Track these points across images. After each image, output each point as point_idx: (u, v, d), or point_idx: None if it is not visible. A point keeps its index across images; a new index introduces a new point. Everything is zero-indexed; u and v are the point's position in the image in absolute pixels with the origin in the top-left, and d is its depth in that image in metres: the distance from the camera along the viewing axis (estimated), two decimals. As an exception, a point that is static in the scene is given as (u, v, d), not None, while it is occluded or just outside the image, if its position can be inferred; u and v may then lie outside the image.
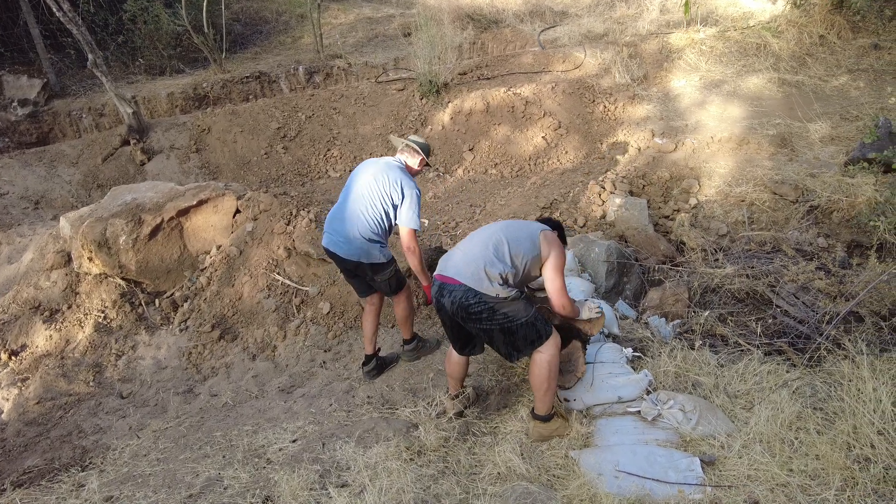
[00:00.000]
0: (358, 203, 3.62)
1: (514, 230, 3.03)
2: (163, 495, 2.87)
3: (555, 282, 2.96)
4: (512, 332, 2.92)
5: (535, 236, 2.99)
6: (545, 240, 2.98)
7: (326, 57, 9.21)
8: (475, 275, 2.87)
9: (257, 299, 4.75)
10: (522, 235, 2.99)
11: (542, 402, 3.03)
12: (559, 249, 2.99)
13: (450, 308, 2.94)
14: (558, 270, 2.96)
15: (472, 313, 2.88)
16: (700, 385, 3.27)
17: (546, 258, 2.97)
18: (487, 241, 2.97)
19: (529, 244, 2.96)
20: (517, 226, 3.10)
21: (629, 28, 9.18)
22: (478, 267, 2.87)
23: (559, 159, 7.24)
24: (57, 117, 8.02)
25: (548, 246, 2.97)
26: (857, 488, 2.39)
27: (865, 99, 7.18)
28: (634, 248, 5.06)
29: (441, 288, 2.98)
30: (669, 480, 2.63)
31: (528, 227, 3.07)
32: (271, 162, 7.56)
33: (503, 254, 2.91)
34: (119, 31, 9.21)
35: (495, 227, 3.07)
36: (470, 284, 2.86)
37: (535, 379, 2.98)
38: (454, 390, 3.39)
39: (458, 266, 2.95)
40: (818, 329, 3.72)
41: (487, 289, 2.85)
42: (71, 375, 4.40)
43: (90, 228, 4.78)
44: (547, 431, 3.06)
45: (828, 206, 5.31)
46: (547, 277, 2.98)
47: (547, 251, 2.96)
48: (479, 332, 3.00)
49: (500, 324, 2.90)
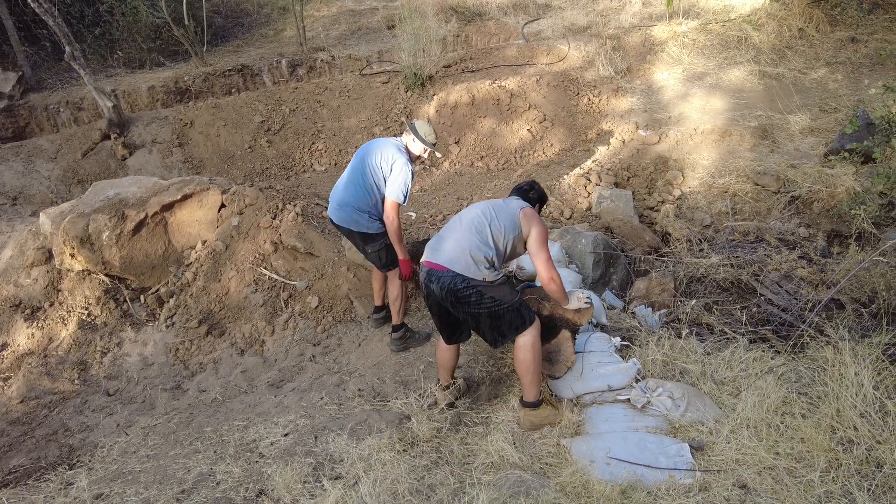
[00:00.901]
0: (352, 173, 3.89)
1: (495, 211, 3.11)
2: (154, 491, 2.85)
3: (540, 255, 3.04)
4: (499, 317, 3.00)
5: (515, 215, 3.09)
6: (524, 217, 3.09)
7: (309, 50, 9.11)
8: (462, 260, 2.96)
9: (244, 294, 4.71)
10: (503, 216, 3.09)
11: (529, 388, 3.08)
12: (539, 224, 3.09)
13: (438, 294, 3.01)
14: (542, 244, 3.04)
15: (460, 297, 2.96)
16: (688, 373, 3.32)
17: (528, 235, 3.07)
18: (470, 225, 3.06)
19: (510, 223, 3.06)
20: (498, 206, 3.17)
21: (612, 21, 9.23)
22: (464, 252, 2.96)
23: (545, 152, 7.27)
24: (33, 111, 7.84)
25: (527, 222, 3.07)
26: (840, 469, 2.45)
27: (843, 91, 7.31)
28: (620, 240, 5.11)
29: (429, 274, 3.05)
30: (660, 466, 2.68)
31: (508, 207, 3.16)
32: (255, 156, 7.48)
33: (486, 237, 3.01)
34: (96, 22, 9.01)
35: (476, 211, 3.14)
36: (458, 270, 2.95)
37: (521, 364, 3.05)
38: (445, 381, 3.41)
39: (445, 253, 3.03)
40: (801, 316, 3.80)
41: (475, 273, 2.95)
42: (55, 374, 4.33)
43: (72, 224, 4.70)
44: (538, 419, 3.10)
45: (808, 196, 5.41)
46: (532, 252, 3.07)
47: (528, 228, 3.07)
48: (466, 316, 3.07)
49: (487, 307, 2.98)
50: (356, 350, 4.29)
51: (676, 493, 2.50)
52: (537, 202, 3.34)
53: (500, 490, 2.53)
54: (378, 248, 3.94)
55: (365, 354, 4.20)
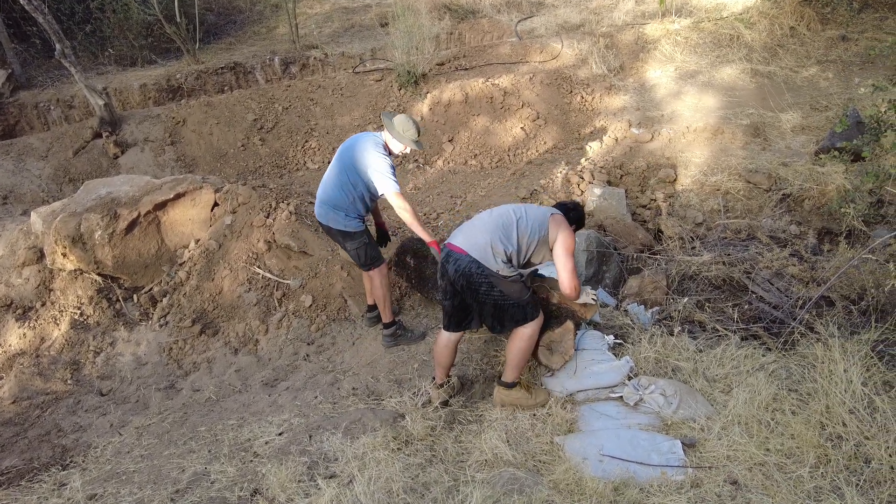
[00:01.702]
0: (330, 171, 3.93)
1: (526, 211, 3.18)
2: (148, 491, 2.85)
3: (566, 264, 3.08)
4: (503, 310, 3.12)
5: (545, 219, 3.14)
6: (553, 222, 3.13)
7: (302, 47, 9.08)
8: (482, 249, 3.04)
9: (238, 293, 4.71)
10: (532, 217, 3.14)
11: (511, 370, 3.22)
12: (567, 232, 3.11)
13: (453, 275, 3.10)
14: (568, 252, 3.09)
15: (472, 283, 3.06)
16: (680, 370, 3.35)
17: (554, 241, 3.11)
18: (499, 218, 3.14)
19: (538, 226, 3.11)
20: (530, 208, 3.24)
21: (605, 19, 9.24)
22: (486, 242, 3.05)
23: (538, 150, 7.28)
24: (23, 109, 7.78)
25: (556, 228, 3.11)
26: (830, 465, 2.48)
27: (834, 89, 7.36)
28: (613, 237, 5.13)
29: (448, 255, 3.15)
30: (652, 463, 2.71)
31: (540, 210, 3.22)
32: (248, 154, 7.45)
33: (511, 233, 3.07)
34: (87, 19, 8.94)
35: (509, 207, 3.23)
36: (475, 256, 3.04)
37: (513, 349, 3.19)
38: (440, 378, 3.43)
39: (468, 237, 3.13)
40: (792, 314, 3.83)
41: (491, 264, 3.03)
42: (47, 374, 4.31)
43: (63, 223, 4.67)
44: (509, 399, 3.24)
45: (800, 194, 5.45)
46: (556, 256, 3.10)
47: (555, 234, 3.10)
48: (472, 302, 3.16)
49: (494, 299, 3.08)
50: (350, 349, 4.30)
51: (668, 489, 2.52)
52: (574, 222, 3.34)
53: (494, 488, 2.54)
54: (356, 247, 3.95)
55: (359, 353, 4.20)
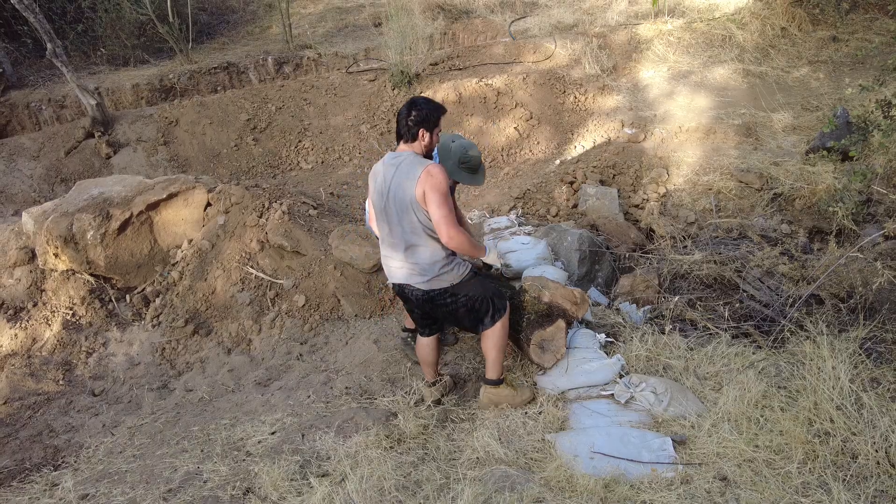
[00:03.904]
0: None
1: (397, 206, 2.91)
2: (141, 491, 2.85)
3: (439, 211, 2.81)
4: (475, 311, 3.08)
5: (412, 198, 2.84)
6: (420, 188, 2.81)
7: (296, 47, 9.08)
8: (422, 276, 2.98)
9: (231, 293, 4.70)
10: (403, 208, 2.88)
11: (493, 366, 3.19)
12: (433, 182, 2.79)
13: (415, 301, 3.10)
14: (442, 203, 2.80)
15: (437, 304, 3.07)
16: (671, 368, 3.37)
17: (427, 202, 2.82)
18: (399, 241, 2.96)
19: (412, 214, 2.87)
20: (397, 198, 2.90)
21: (598, 19, 9.29)
22: (416, 270, 2.97)
23: (531, 150, 7.31)
24: (14, 109, 7.74)
25: (420, 188, 2.81)
26: (817, 461, 2.51)
27: (825, 90, 7.43)
28: (606, 237, 5.16)
29: (402, 287, 3.10)
30: (643, 460, 2.72)
31: (403, 190, 2.87)
32: (242, 154, 7.44)
33: (414, 247, 2.93)
34: (78, 19, 8.90)
35: (392, 217, 2.95)
36: (425, 288, 3.01)
37: (489, 346, 3.14)
38: (431, 377, 3.44)
39: (401, 274, 3.03)
40: (782, 312, 3.86)
41: (439, 283, 3.00)
42: (39, 374, 4.29)
43: (55, 224, 4.65)
44: (497, 397, 3.22)
45: (791, 193, 5.49)
46: (432, 214, 2.84)
47: (421, 194, 2.82)
48: (445, 314, 3.14)
49: (463, 304, 3.06)
50: (343, 348, 4.30)
51: (658, 486, 2.54)
52: (429, 129, 2.98)
53: (486, 485, 2.56)
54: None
55: (352, 353, 4.21)
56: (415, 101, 2.97)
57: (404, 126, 2.94)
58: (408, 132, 2.94)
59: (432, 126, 2.97)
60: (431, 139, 2.99)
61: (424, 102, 2.96)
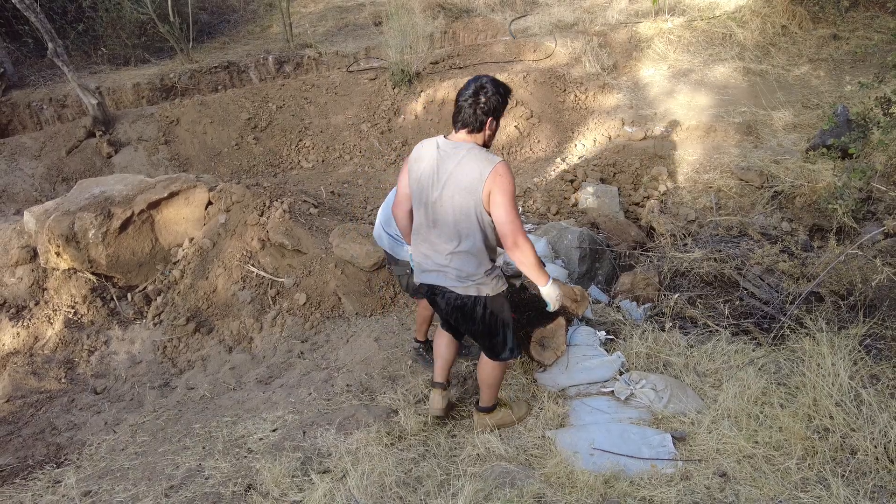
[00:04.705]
0: None
1: (454, 204, 2.56)
2: (143, 488, 2.86)
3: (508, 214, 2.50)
4: (492, 334, 2.82)
5: (477, 199, 2.52)
6: (487, 188, 2.49)
7: (296, 46, 9.08)
8: (461, 281, 2.67)
9: (232, 291, 4.71)
10: (462, 208, 2.56)
11: (487, 397, 3.03)
12: (504, 183, 2.48)
13: (444, 306, 2.82)
14: (511, 207, 2.49)
15: (465, 312, 2.76)
16: (671, 365, 3.38)
17: (492, 204, 2.51)
18: (446, 241, 2.65)
19: (473, 216, 2.56)
20: (456, 195, 2.55)
21: (599, 17, 9.28)
22: (456, 274, 2.67)
23: (532, 148, 7.31)
24: (16, 108, 7.75)
25: (487, 189, 2.50)
26: (816, 457, 2.52)
27: (825, 88, 7.43)
28: (606, 235, 5.17)
29: (433, 289, 2.80)
30: (643, 456, 2.74)
31: (465, 187, 2.52)
32: (242, 153, 7.45)
33: (464, 251, 2.62)
34: (79, 18, 8.90)
35: (443, 213, 2.62)
36: (460, 293, 2.70)
37: (486, 374, 2.95)
38: (441, 376, 3.10)
39: (437, 275, 2.73)
40: (782, 309, 3.87)
41: (476, 290, 2.71)
42: (41, 373, 4.31)
43: (57, 223, 4.67)
44: (492, 421, 3.07)
45: (791, 191, 5.50)
46: (497, 218, 2.53)
47: (487, 195, 2.50)
48: (468, 325, 2.84)
49: (487, 320, 2.76)
50: (344, 346, 4.31)
51: (658, 482, 2.55)
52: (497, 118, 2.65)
53: (486, 481, 2.57)
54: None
55: (353, 350, 4.22)
56: (483, 83, 2.52)
57: (471, 114, 2.51)
58: (475, 121, 2.52)
59: (501, 115, 2.61)
60: (496, 129, 2.63)
61: (493, 86, 2.53)
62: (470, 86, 2.53)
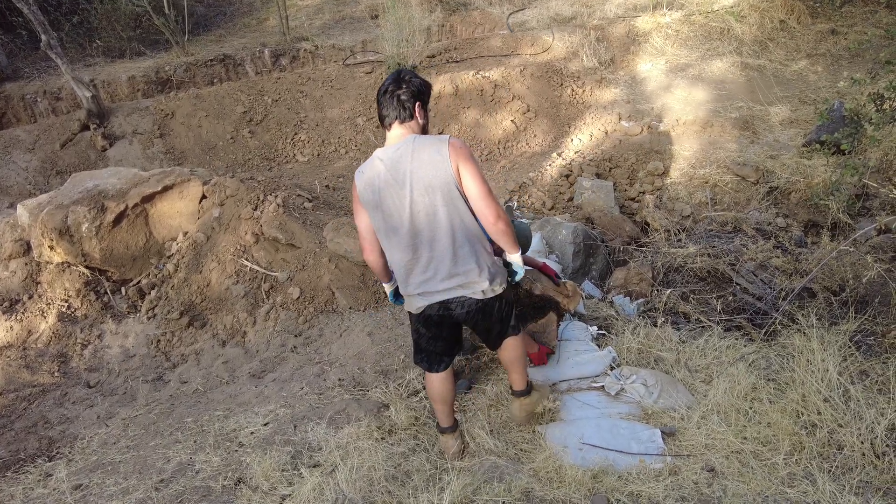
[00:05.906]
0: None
1: (431, 201, 2.41)
2: (134, 481, 2.87)
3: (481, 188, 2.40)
4: (508, 317, 2.77)
5: (450, 179, 2.38)
6: (453, 163, 2.38)
7: (292, 39, 9.04)
8: (483, 280, 2.53)
9: (226, 285, 4.71)
10: (443, 198, 2.42)
11: (522, 375, 2.88)
12: (465, 152, 2.40)
13: (461, 317, 2.64)
14: (480, 175, 2.41)
15: (487, 313, 2.65)
16: (662, 360, 3.38)
17: (462, 177, 2.39)
18: (444, 248, 2.48)
19: (457, 200, 2.43)
20: (430, 191, 2.40)
21: (597, 11, 9.24)
22: (472, 275, 2.52)
23: (528, 143, 7.29)
24: (9, 101, 7.71)
25: (454, 163, 2.38)
26: (803, 452, 2.53)
27: (823, 83, 7.40)
28: (600, 230, 5.16)
29: (447, 305, 2.60)
30: (632, 451, 2.74)
31: (434, 176, 2.38)
32: (238, 147, 7.43)
33: (467, 244, 2.49)
34: (73, 10, 8.86)
35: (425, 221, 2.45)
36: (480, 297, 2.57)
37: (513, 353, 2.82)
38: (447, 420, 2.88)
39: (448, 287, 2.55)
40: (775, 305, 3.88)
41: (499, 287, 2.61)
42: (34, 366, 4.31)
43: (50, 216, 4.66)
44: (533, 404, 2.95)
45: (786, 186, 5.49)
46: (470, 190, 2.40)
47: (455, 170, 2.39)
48: (490, 324, 2.71)
49: (504, 310, 2.71)
50: (337, 340, 4.31)
51: (647, 477, 2.56)
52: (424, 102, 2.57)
53: (475, 475, 2.57)
54: None
55: (346, 345, 4.22)
56: (400, 74, 2.51)
57: (395, 104, 2.45)
58: (403, 109, 2.46)
59: (427, 100, 2.53)
60: (427, 117, 2.56)
61: (409, 73, 2.52)
62: (386, 82, 2.51)
